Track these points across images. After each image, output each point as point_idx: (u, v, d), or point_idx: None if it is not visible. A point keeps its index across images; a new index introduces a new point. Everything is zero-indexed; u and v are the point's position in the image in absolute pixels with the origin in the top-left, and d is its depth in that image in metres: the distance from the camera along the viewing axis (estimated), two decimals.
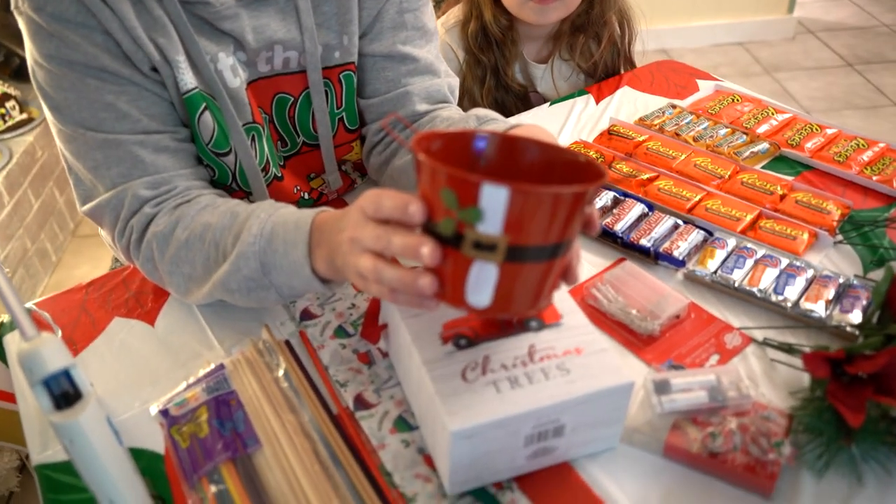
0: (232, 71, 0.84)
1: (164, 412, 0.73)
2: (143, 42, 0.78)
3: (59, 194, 2.35)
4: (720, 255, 0.88)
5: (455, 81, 0.99)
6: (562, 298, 0.71)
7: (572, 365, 0.64)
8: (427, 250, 0.55)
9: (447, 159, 0.58)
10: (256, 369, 0.77)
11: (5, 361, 0.86)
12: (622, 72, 1.37)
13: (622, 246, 0.92)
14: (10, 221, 2.03)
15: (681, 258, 0.88)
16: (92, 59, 0.77)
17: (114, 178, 0.80)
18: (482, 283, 0.55)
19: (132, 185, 0.79)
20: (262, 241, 0.72)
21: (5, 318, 0.88)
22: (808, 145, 1.08)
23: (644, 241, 0.90)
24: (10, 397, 0.88)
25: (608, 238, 0.92)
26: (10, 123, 2.23)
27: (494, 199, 0.51)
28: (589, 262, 0.91)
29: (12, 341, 0.83)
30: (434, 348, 0.65)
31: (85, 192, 0.83)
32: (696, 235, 0.91)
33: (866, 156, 1.05)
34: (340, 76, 0.90)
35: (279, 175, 0.92)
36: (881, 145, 1.07)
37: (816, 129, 1.12)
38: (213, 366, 0.77)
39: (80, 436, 0.58)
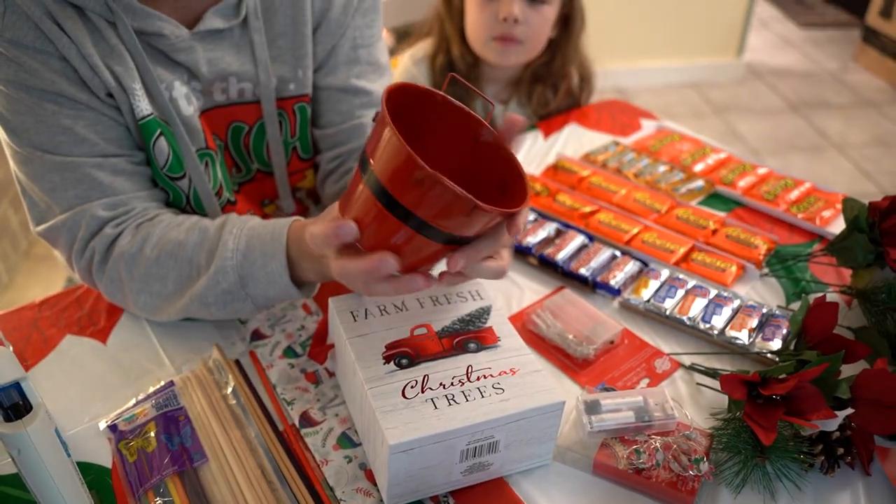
0: (186, 99, 0.87)
1: (113, 427, 0.74)
2: (100, 69, 0.80)
3: (13, 215, 2.33)
4: (654, 284, 0.93)
5: None
6: (501, 323, 0.75)
7: (507, 384, 0.68)
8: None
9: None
10: (206, 387, 0.79)
11: None
12: None
13: (562, 275, 0.96)
14: None
15: (617, 287, 0.93)
16: (49, 84, 0.79)
17: (71, 200, 0.82)
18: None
19: (90, 207, 0.81)
20: (239, 255, 0.77)
21: None
22: (741, 183, 1.15)
23: (583, 271, 0.95)
24: None
25: (549, 267, 0.97)
26: None
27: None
28: (530, 289, 0.95)
29: None
30: (376, 367, 0.68)
31: (39, 213, 0.84)
32: (633, 266, 0.97)
33: (794, 195, 1.12)
34: (295, 107, 0.94)
35: (232, 199, 0.95)
36: (807, 185, 1.15)
37: (749, 169, 1.18)
38: (163, 383, 0.79)
39: (27, 447, 0.60)
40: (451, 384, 0.67)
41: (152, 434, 0.73)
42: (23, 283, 2.26)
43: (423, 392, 0.66)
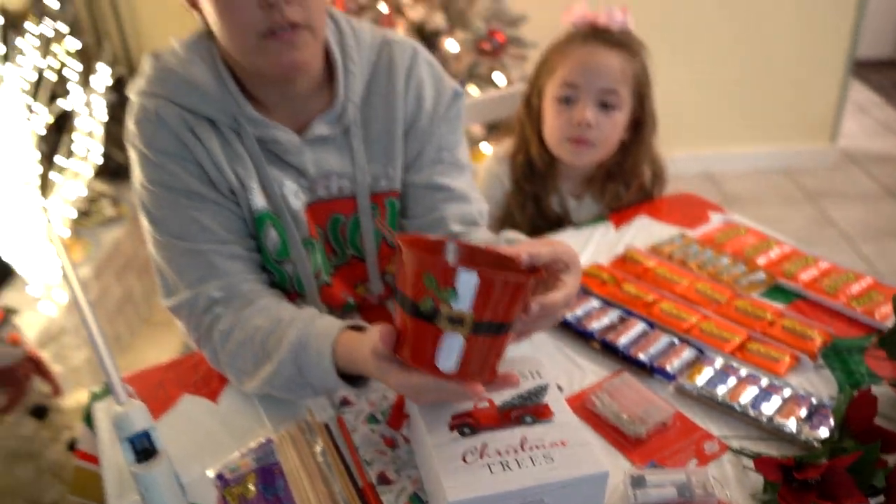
0: (295, 195, 1.02)
1: (220, 476, 0.87)
2: (226, 171, 0.98)
3: (137, 285, 2.58)
4: (708, 371, 1.00)
5: (485, 207, 1.15)
6: (556, 400, 0.84)
7: (557, 454, 0.76)
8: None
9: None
10: (299, 445, 0.91)
11: (90, 426, 1.02)
12: None
13: (622, 359, 1.04)
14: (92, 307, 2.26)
15: (672, 373, 1.00)
16: (185, 183, 0.96)
17: (193, 281, 0.97)
18: (451, 351, 0.70)
19: (207, 288, 0.97)
20: (298, 349, 0.89)
21: (95, 389, 1.05)
22: (803, 276, 1.20)
23: (641, 356, 1.03)
24: (92, 458, 1.03)
25: (610, 351, 1.05)
26: (102, 218, 2.50)
27: (467, 283, 0.67)
28: (592, 371, 1.03)
29: (101, 409, 1.00)
30: (442, 434, 0.78)
31: (169, 290, 1.00)
32: (689, 353, 1.04)
33: (854, 289, 1.17)
34: (385, 201, 1.08)
35: (329, 282, 1.09)
36: (868, 280, 1.19)
37: (812, 262, 1.24)
38: (263, 440, 0.92)
39: (154, 485, 0.73)
40: (507, 452, 0.76)
41: (251, 485, 0.85)
42: (142, 347, 2.49)
43: (481, 458, 0.76)
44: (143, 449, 0.75)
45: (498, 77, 2.45)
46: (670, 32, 3.21)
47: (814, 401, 0.95)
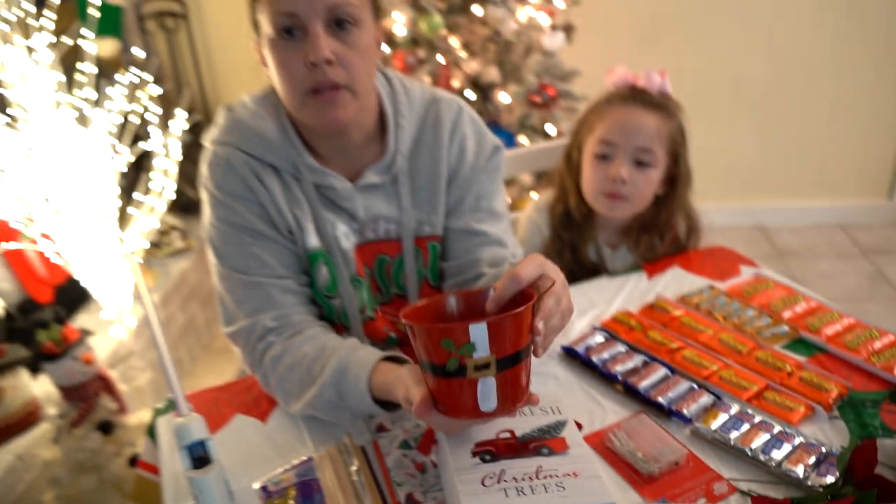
0: (345, 236, 1.13)
1: (264, 488, 0.96)
2: (285, 212, 1.09)
3: (200, 313, 2.73)
4: (723, 416, 1.05)
5: (519, 252, 1.23)
6: (573, 435, 0.91)
7: (568, 484, 0.83)
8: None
9: (432, 318, 0.84)
10: (336, 465, 1.00)
11: (153, 439, 1.13)
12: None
13: (643, 401, 1.10)
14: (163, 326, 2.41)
15: (689, 417, 1.06)
16: (249, 222, 1.08)
17: (250, 311, 1.08)
18: (488, 393, 0.78)
19: (262, 318, 1.07)
20: (339, 375, 0.99)
21: (159, 405, 1.16)
22: (827, 331, 1.24)
23: (661, 399, 1.09)
24: (152, 469, 1.14)
25: (632, 393, 1.12)
26: (171, 250, 2.67)
27: (480, 333, 0.75)
28: (613, 411, 1.10)
29: (163, 422, 1.11)
30: (465, 460, 0.86)
31: (228, 317, 1.11)
32: (706, 399, 1.09)
33: (877, 345, 1.20)
34: (428, 245, 1.18)
35: (372, 317, 1.19)
36: (891, 337, 1.22)
37: (836, 318, 1.28)
38: (304, 458, 1.01)
39: (207, 489, 0.83)
40: (522, 479, 0.84)
41: (292, 497, 0.94)
42: (202, 373, 2.63)
43: (498, 483, 0.83)
44: (199, 457, 0.85)
45: (550, 128, 2.54)
46: (727, 86, 3.27)
47: (824, 450, 0.99)
